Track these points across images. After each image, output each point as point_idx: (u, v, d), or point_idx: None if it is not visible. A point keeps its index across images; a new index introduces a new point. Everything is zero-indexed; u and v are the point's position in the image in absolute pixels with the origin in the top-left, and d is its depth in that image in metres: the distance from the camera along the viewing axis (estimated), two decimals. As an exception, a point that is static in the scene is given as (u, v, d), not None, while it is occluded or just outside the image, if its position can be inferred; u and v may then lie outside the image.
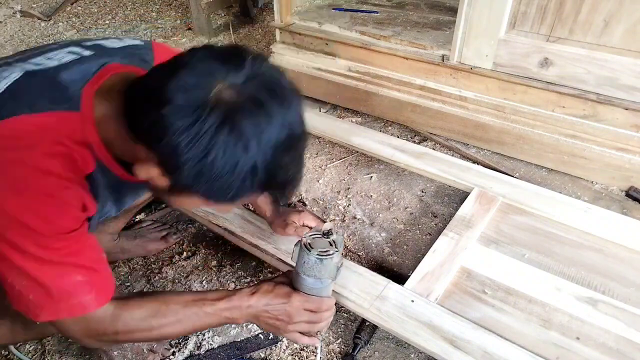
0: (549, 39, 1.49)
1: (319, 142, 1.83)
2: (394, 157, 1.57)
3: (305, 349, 1.14)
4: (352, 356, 1.11)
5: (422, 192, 1.58)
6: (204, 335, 1.17)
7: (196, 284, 1.32)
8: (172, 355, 1.12)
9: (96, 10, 3.15)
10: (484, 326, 1.02)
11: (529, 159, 1.66)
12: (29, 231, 0.71)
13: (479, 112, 1.70)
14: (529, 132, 1.62)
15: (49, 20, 3.01)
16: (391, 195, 1.57)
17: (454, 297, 1.11)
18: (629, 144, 1.48)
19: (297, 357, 1.13)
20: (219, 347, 1.15)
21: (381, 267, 1.33)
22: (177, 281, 1.33)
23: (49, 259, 0.73)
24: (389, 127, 1.91)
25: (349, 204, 1.55)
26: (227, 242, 1.37)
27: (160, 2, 3.24)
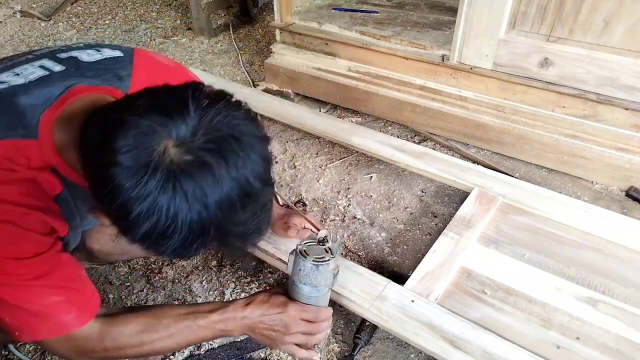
0: (549, 39, 1.49)
1: (319, 142, 1.83)
2: (394, 157, 1.57)
3: (305, 349, 1.14)
4: (352, 356, 1.11)
5: (422, 192, 1.58)
6: (204, 335, 1.17)
7: (196, 284, 1.32)
8: (172, 355, 1.12)
9: (96, 10, 3.15)
10: (484, 326, 1.02)
11: (529, 159, 1.66)
12: None
13: (479, 112, 1.70)
14: (529, 132, 1.62)
15: (49, 20, 3.01)
16: (391, 195, 1.57)
17: (454, 297, 1.11)
18: (629, 144, 1.48)
19: (297, 358, 1.13)
20: (219, 347, 1.15)
21: (381, 267, 1.33)
22: (177, 281, 1.33)
23: (18, 283, 0.72)
24: (389, 127, 1.91)
25: (349, 204, 1.55)
26: (227, 242, 1.37)
27: (160, 2, 3.24)
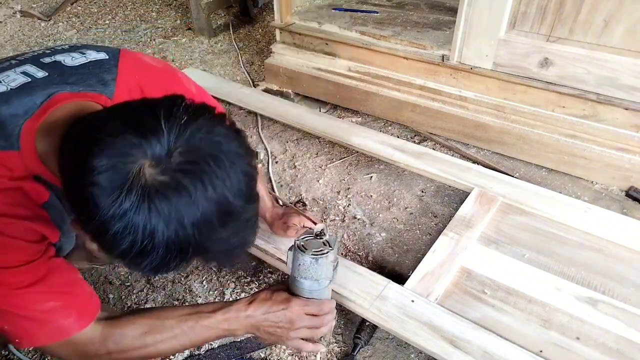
0: (549, 39, 1.49)
1: (319, 142, 1.83)
2: (394, 157, 1.57)
3: (305, 349, 1.14)
4: (352, 356, 1.11)
5: (422, 192, 1.58)
6: (204, 335, 1.17)
7: (196, 284, 1.32)
8: (172, 355, 1.12)
9: (96, 10, 3.15)
10: (484, 326, 1.02)
11: (529, 159, 1.66)
12: None
13: (479, 112, 1.70)
14: (529, 132, 1.62)
15: (49, 20, 3.01)
16: (391, 195, 1.57)
17: (454, 297, 1.11)
18: (629, 144, 1.48)
19: (297, 357, 1.13)
20: (219, 347, 1.15)
21: (381, 267, 1.33)
22: (177, 281, 1.33)
23: (13, 292, 0.72)
24: (389, 127, 1.91)
25: (349, 204, 1.55)
26: (227, 242, 1.37)
27: (160, 2, 3.24)
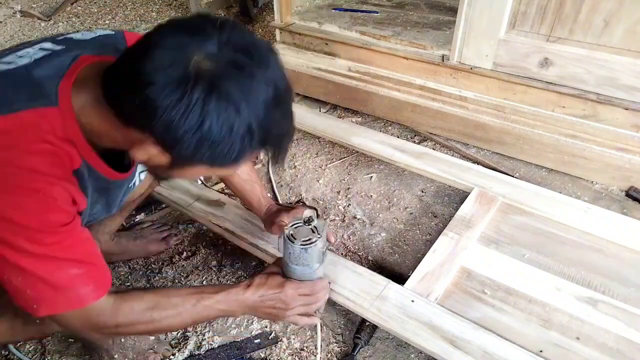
0: (549, 39, 1.49)
1: (319, 142, 1.83)
2: (394, 157, 1.57)
3: (305, 348, 1.14)
4: (352, 356, 1.11)
5: (422, 192, 1.58)
6: (204, 335, 1.17)
7: (196, 284, 1.32)
8: (172, 355, 1.12)
9: (96, 10, 3.15)
10: (484, 326, 1.02)
11: (529, 159, 1.66)
12: (20, 228, 0.71)
13: (479, 112, 1.70)
14: (529, 132, 1.62)
15: (49, 20, 3.01)
16: (391, 195, 1.57)
17: (454, 297, 1.11)
18: (629, 144, 1.48)
19: (297, 357, 1.13)
20: (219, 347, 1.15)
21: (381, 267, 1.33)
22: (177, 281, 1.33)
23: (43, 253, 0.73)
24: (389, 127, 1.91)
25: (349, 204, 1.55)
26: (227, 242, 1.37)
27: (160, 2, 3.24)
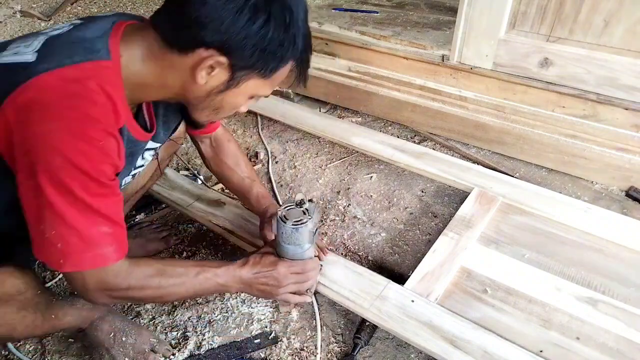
0: (549, 39, 1.49)
1: (319, 142, 1.83)
2: (394, 157, 1.57)
3: (305, 348, 1.14)
4: (352, 356, 1.11)
5: (422, 192, 1.58)
6: (204, 335, 1.17)
7: (196, 284, 1.32)
8: (172, 355, 1.12)
9: (96, 10, 3.15)
10: (484, 326, 1.02)
11: (529, 159, 1.66)
12: (79, 173, 0.74)
13: (479, 112, 1.70)
14: (529, 132, 1.62)
15: (49, 20, 3.01)
16: (391, 195, 1.57)
17: (454, 297, 1.11)
18: (629, 144, 1.48)
19: (297, 357, 1.13)
20: (219, 347, 1.15)
21: (381, 267, 1.33)
22: (177, 281, 1.33)
23: (89, 204, 0.76)
24: (389, 127, 1.91)
25: (349, 204, 1.55)
26: (227, 242, 1.37)
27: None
